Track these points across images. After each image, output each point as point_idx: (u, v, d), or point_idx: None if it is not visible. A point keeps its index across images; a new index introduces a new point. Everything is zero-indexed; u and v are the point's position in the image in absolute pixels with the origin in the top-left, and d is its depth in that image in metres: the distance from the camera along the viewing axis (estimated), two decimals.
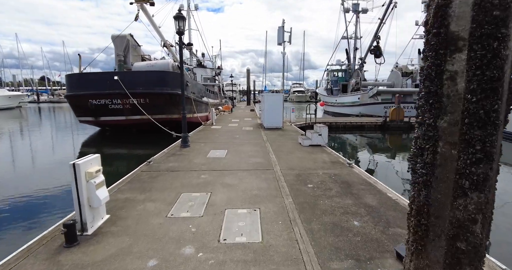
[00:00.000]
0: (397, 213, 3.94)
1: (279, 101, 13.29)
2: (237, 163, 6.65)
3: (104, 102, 14.18)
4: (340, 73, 33.19)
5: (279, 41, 13.25)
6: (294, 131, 12.55)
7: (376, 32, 27.03)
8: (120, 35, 16.77)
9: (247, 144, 9.17)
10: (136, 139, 15.60)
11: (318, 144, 8.88)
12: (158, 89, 14.13)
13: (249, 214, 3.89)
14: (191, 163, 6.67)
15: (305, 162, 6.77)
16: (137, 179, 5.52)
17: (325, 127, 8.88)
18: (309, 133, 9.22)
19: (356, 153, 12.52)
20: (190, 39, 33.86)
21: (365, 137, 17.13)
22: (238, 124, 15.39)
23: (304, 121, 17.55)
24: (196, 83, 18.05)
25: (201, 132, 12.24)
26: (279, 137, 10.86)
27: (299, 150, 8.20)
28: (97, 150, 14.47)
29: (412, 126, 17.69)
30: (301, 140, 9.17)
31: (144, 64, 16.48)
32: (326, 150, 8.25)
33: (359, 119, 19.22)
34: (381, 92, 21.88)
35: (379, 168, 9.89)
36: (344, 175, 5.72)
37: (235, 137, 10.82)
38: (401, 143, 15.69)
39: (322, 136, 8.85)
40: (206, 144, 9.30)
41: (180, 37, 8.30)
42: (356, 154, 12.25)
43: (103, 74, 14.36)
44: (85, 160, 3.44)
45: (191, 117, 16.45)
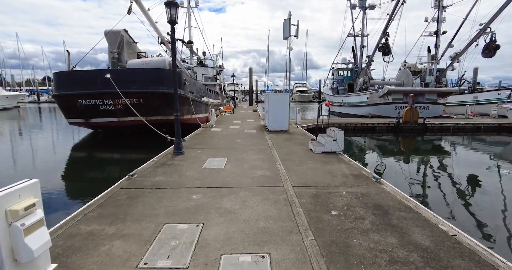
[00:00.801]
0: (467, 263, 2.74)
1: (284, 101, 12.11)
2: (238, 177, 5.47)
3: (95, 102, 13.06)
4: (346, 72, 31.93)
5: (285, 35, 12.07)
6: (301, 135, 11.35)
7: (385, 29, 25.79)
8: (113, 31, 15.65)
9: (250, 151, 7.99)
10: (131, 142, 14.48)
11: (333, 151, 7.68)
12: (153, 88, 12.98)
13: (255, 264, 2.71)
14: (183, 177, 5.49)
15: (321, 176, 5.57)
16: (111, 200, 4.35)
17: (340, 132, 7.68)
18: (321, 138, 8.03)
19: (376, 160, 11.29)
20: (191, 37, 32.76)
21: (378, 140, 15.89)
22: (240, 126, 14.22)
23: (312, 122, 16.36)
24: (195, 82, 16.91)
25: (199, 136, 11.07)
26: (286, 141, 9.67)
27: (311, 159, 7.00)
28: (87, 154, 13.36)
29: (427, 128, 16.46)
30: (313, 146, 7.97)
31: (139, 62, 15.35)
32: (344, 159, 7.04)
33: (370, 120, 17.97)
34: (392, 92, 20.60)
35: (408, 180, 8.66)
36: (374, 195, 4.51)
37: (236, 141, 9.64)
38: (422, 147, 14.42)
39: (337, 141, 7.65)
40: (203, 150, 8.13)
41: (172, 27, 7.13)
42: (376, 161, 11.02)
43: (94, 72, 13.25)
44: (6, 191, 2.25)
45: (190, 118, 15.31)
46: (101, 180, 8.79)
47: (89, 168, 10.47)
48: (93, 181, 8.80)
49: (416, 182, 8.25)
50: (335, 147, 7.68)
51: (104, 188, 4.88)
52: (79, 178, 9.24)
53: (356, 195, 4.54)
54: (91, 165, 10.87)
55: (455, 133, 16.77)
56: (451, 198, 6.93)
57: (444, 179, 8.61)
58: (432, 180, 8.53)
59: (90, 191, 7.84)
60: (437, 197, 7.03)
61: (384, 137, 16.39)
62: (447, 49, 27.97)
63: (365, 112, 21.95)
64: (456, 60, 26.74)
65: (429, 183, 8.24)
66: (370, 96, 22.11)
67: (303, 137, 10.56)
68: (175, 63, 7.29)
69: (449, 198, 6.90)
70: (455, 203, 6.55)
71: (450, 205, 6.47)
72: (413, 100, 16.31)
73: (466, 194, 7.30)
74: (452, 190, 7.64)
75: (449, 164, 10.48)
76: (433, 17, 30.45)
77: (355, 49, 30.95)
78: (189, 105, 14.53)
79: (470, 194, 7.33)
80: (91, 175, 9.60)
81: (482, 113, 22.35)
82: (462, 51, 25.93)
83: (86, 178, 9.27)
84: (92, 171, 9.96)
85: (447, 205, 6.44)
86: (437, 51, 27.77)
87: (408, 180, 8.33)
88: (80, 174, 9.75)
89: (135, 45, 17.92)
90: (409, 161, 11.08)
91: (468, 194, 7.32)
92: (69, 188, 8.10)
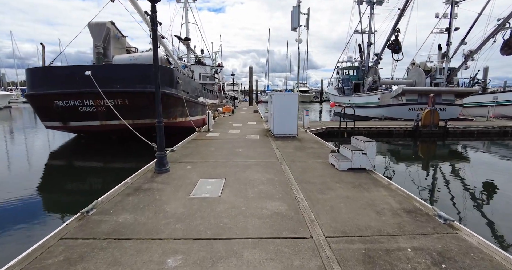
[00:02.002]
0: None
1: (292, 102, 10.38)
2: (240, 216, 3.73)
3: (73, 103, 11.32)
4: (352, 71, 30.20)
5: (294, 26, 10.33)
6: (314, 142, 9.61)
7: (395, 25, 24.10)
8: (97, 23, 13.90)
9: (255, 166, 6.25)
10: (117, 148, 12.75)
11: (362, 167, 5.96)
12: (140, 87, 11.23)
13: None
14: (159, 215, 3.75)
15: (362, 212, 3.84)
16: (35, 268, 2.62)
17: (372, 142, 5.95)
18: (345, 150, 6.30)
19: (403, 172, 9.53)
20: (188, 34, 31.01)
21: (395, 145, 14.17)
22: (241, 131, 12.48)
23: (320, 126, 14.65)
24: (190, 81, 15.17)
25: (193, 143, 9.32)
26: (297, 151, 7.94)
27: (337, 180, 5.27)
28: (66, 163, 11.63)
29: (448, 132, 14.77)
30: (334, 160, 6.25)
31: (126, 57, 13.59)
32: (380, 180, 5.31)
33: (385, 123, 16.21)
34: (406, 92, 18.86)
35: (457, 201, 6.93)
36: (459, 257, 2.79)
37: (236, 151, 7.91)
38: (449, 155, 12.70)
39: (367, 155, 5.93)
40: (194, 165, 6.38)
41: (153, 6, 5.40)
42: (405, 174, 9.27)
43: (72, 69, 11.49)
44: None
45: (184, 121, 13.57)
46: (79, 194, 7.28)
47: (66, 178, 8.80)
48: (70, 195, 7.29)
49: (467, 204, 6.52)
50: (365, 163, 5.96)
51: (81, 203, 3.21)
52: (52, 191, 7.63)
53: (431, 256, 2.81)
54: (70, 175, 9.20)
55: (479, 138, 15.07)
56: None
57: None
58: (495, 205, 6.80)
59: (64, 206, 6.40)
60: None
61: (401, 142, 14.67)
62: (459, 47, 26.35)
63: (377, 114, 20.23)
64: (470, 58, 25.10)
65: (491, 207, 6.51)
66: (381, 97, 20.39)
67: (317, 146, 8.82)
68: (156, 51, 5.54)
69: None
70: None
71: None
72: (434, 101, 14.59)
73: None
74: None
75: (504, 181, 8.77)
76: (445, 13, 28.88)
77: (362, 47, 29.23)
78: (182, 106, 12.79)
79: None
80: (69, 187, 7.98)
81: (503, 115, 20.66)
82: (477, 49, 24.27)
83: (61, 190, 7.66)
84: (70, 183, 8.32)
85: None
86: (448, 49, 26.12)
87: (458, 201, 6.60)
88: (55, 186, 8.12)
89: (124, 40, 16.13)
90: (442, 174, 9.36)
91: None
92: (39, 203, 6.50)
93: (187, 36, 29.76)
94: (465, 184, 7.81)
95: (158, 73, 5.62)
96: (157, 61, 5.59)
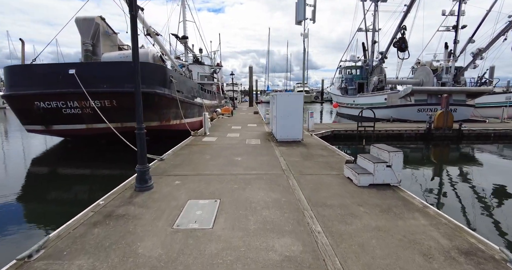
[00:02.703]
0: None
1: (298, 104, 9.38)
2: (237, 264, 2.71)
3: (56, 104, 10.29)
4: (355, 70, 29.19)
5: (299, 18, 9.32)
6: (321, 148, 8.59)
7: (401, 22, 23.11)
8: (86, 18, 12.89)
9: (257, 181, 5.23)
10: (107, 153, 11.74)
11: (386, 182, 4.95)
12: (129, 87, 10.19)
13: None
14: (127, 263, 2.72)
15: (402, 256, 2.82)
16: None
17: (398, 153, 4.93)
18: (365, 162, 5.28)
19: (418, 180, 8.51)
20: (185, 32, 30.01)
21: (407, 149, 13.16)
22: (240, 134, 11.47)
23: (326, 128, 13.64)
24: (186, 80, 14.14)
25: (186, 150, 8.30)
26: (305, 160, 6.91)
27: (359, 202, 4.25)
28: (50, 169, 10.62)
29: (463, 135, 13.76)
30: (352, 173, 5.23)
31: (116, 55, 12.58)
32: (412, 201, 4.29)
33: (396, 126, 15.17)
34: (416, 92, 17.83)
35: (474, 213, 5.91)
36: None
37: (235, 160, 6.88)
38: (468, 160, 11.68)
39: (393, 168, 4.91)
40: (184, 180, 5.36)
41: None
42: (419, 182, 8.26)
43: (55, 67, 10.48)
44: None
45: (178, 123, 12.55)
46: (63, 205, 6.47)
47: (47, 188, 7.89)
48: (53, 206, 6.45)
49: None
50: (389, 177, 4.95)
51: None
52: (34, 201, 6.73)
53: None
54: (51, 184, 8.28)
55: (495, 141, 14.06)
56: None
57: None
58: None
59: (41, 221, 5.56)
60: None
61: (412, 146, 13.66)
62: (467, 45, 25.38)
63: (384, 115, 19.20)
64: (479, 56, 24.14)
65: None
66: (388, 97, 19.37)
67: (327, 153, 7.80)
68: (136, 41, 4.51)
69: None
70: None
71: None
72: (448, 102, 13.58)
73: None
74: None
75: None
76: (451, 10, 27.91)
77: (365, 45, 28.25)
78: (176, 107, 11.77)
79: None
80: (51, 197, 7.08)
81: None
82: (486, 47, 23.33)
83: (43, 201, 6.72)
84: (50, 193, 7.41)
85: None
86: (455, 47, 25.14)
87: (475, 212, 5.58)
88: (36, 195, 7.18)
89: (115, 37, 15.11)
90: (472, 187, 8.34)
91: None
92: (19, 215, 5.56)
93: (185, 35, 28.78)
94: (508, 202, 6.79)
95: (137, 68, 4.59)
96: (136, 53, 4.56)
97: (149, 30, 14.69)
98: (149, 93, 10.32)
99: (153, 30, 14.99)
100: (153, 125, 11.13)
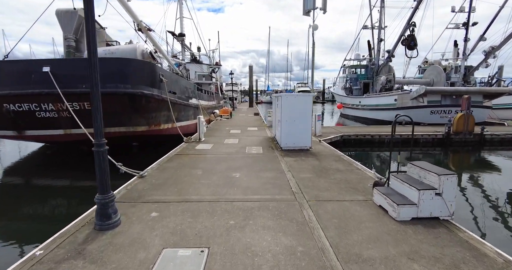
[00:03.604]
0: None
1: (306, 106, 8.06)
2: None
3: (29, 107, 8.98)
4: (360, 70, 27.89)
5: (308, 7, 8.00)
6: (334, 158, 7.27)
7: (410, 18, 21.84)
8: (67, 10, 11.58)
9: (260, 212, 3.93)
10: (90, 160, 10.43)
11: (434, 216, 3.66)
12: (112, 87, 8.90)
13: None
14: None
15: None
16: None
17: (452, 177, 3.63)
18: (403, 187, 3.97)
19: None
20: (182, 30, 28.71)
21: (424, 155, 11.87)
22: (239, 140, 10.16)
23: (335, 133, 12.34)
24: (179, 79, 12.82)
25: (173, 162, 6.95)
26: (319, 178, 5.60)
27: (408, 251, 2.95)
28: (23, 180, 9.35)
29: (485, 140, 12.48)
30: (386, 202, 3.93)
31: (100, 51, 11.20)
32: (482, 250, 2.99)
33: (410, 130, 13.84)
34: (429, 92, 16.51)
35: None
36: None
37: (232, 178, 5.57)
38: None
39: (443, 196, 3.62)
40: (164, 210, 4.05)
41: None
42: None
43: (27, 64, 9.19)
44: None
45: (169, 128, 11.24)
46: (36, 223, 5.58)
47: (21, 201, 6.78)
48: (24, 224, 5.49)
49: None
50: (438, 209, 3.65)
51: None
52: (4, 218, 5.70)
53: None
54: (26, 197, 7.17)
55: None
56: None
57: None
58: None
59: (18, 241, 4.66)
60: None
61: (430, 152, 12.37)
62: (478, 43, 24.08)
63: (393, 118, 17.94)
64: (492, 55, 22.87)
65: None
66: (399, 98, 18.05)
67: (343, 166, 6.49)
68: (92, 20, 3.23)
69: None
70: None
71: None
72: (469, 103, 12.28)
73: None
74: None
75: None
76: (461, 6, 26.68)
77: (371, 44, 26.95)
78: (168, 110, 10.45)
79: None
80: (24, 212, 5.99)
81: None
82: (500, 44, 22.02)
83: (13, 218, 5.71)
84: (26, 207, 6.27)
85: None
86: (466, 45, 23.86)
87: None
88: (7, 211, 6.11)
89: (103, 32, 13.82)
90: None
91: None
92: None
93: (182, 32, 27.49)
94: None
95: (95, 60, 3.30)
96: (93, 41, 3.27)
97: (140, 24, 13.36)
98: (134, 94, 9.02)
99: (144, 25, 13.65)
100: (140, 130, 9.83)
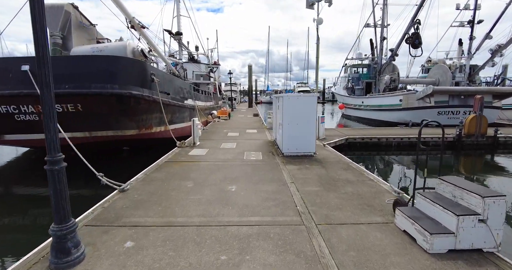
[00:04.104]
0: None
1: (310, 108, 7.32)
2: None
3: (7, 109, 8.26)
4: (362, 69, 27.16)
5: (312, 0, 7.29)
6: (342, 166, 6.53)
7: (415, 15, 21.12)
8: (53, 5, 10.83)
9: (260, 245, 3.19)
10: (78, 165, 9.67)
11: (476, 247, 2.92)
12: (98, 87, 8.16)
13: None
14: None
15: None
16: None
17: (499, 199, 2.89)
18: (434, 209, 3.23)
19: None
20: (180, 28, 27.97)
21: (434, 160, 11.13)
22: (237, 144, 9.42)
23: (340, 136, 11.61)
24: (173, 79, 12.07)
25: (161, 172, 6.19)
26: (328, 192, 4.86)
27: None
28: (2, 189, 8.63)
29: (498, 143, 11.76)
30: (413, 228, 3.19)
31: (87, 48, 10.52)
32: None
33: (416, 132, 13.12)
34: (436, 92, 15.78)
35: None
36: None
37: (227, 192, 4.83)
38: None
39: (489, 224, 2.88)
40: (142, 239, 3.31)
41: None
42: None
43: (5, 62, 8.45)
44: None
45: (162, 131, 10.50)
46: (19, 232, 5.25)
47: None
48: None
49: None
50: (482, 239, 2.92)
51: None
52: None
53: None
54: (3, 207, 6.42)
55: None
56: None
57: None
58: None
59: None
60: None
61: (438, 156, 11.63)
62: (483, 41, 23.37)
63: (398, 118, 17.18)
64: (499, 53, 22.18)
65: None
66: (405, 98, 17.33)
67: (353, 175, 5.75)
68: (37, 13, 2.51)
69: None
70: None
71: None
72: (482, 104, 11.55)
73: None
74: None
75: None
76: (466, 4, 26.00)
77: (373, 42, 26.22)
78: (160, 112, 9.71)
79: None
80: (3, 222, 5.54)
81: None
82: (508, 42, 21.31)
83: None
84: (7, 216, 5.80)
85: None
86: (471, 44, 23.17)
87: None
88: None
89: (93, 29, 13.06)
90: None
91: None
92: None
93: (179, 31, 26.74)
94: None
95: (46, 57, 2.56)
96: (42, 36, 2.52)
97: (132, 21, 12.59)
98: (122, 95, 8.28)
99: (137, 21, 12.89)
100: (129, 134, 9.10)
